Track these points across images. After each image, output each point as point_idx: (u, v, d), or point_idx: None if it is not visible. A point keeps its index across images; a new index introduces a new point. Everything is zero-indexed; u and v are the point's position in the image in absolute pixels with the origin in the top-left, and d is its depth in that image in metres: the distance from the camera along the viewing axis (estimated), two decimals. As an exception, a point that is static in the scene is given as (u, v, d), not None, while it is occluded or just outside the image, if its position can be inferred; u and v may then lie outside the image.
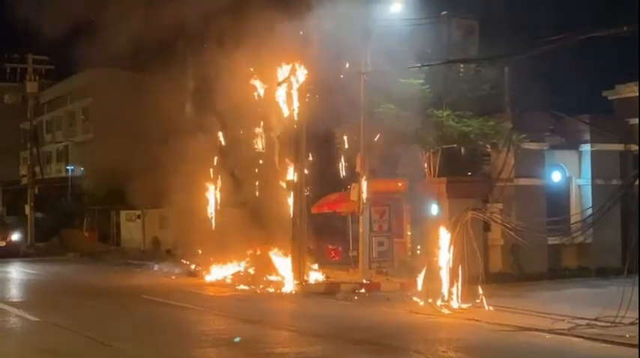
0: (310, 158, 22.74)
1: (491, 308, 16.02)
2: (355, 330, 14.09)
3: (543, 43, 16.44)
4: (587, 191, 22.99)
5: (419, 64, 20.65)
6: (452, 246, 16.25)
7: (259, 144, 24.45)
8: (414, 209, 22.36)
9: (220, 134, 26.58)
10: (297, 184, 21.98)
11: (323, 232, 24.95)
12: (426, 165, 22.32)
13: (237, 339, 12.90)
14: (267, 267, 23.02)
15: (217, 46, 23.27)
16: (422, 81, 21.57)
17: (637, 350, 11.37)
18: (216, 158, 27.00)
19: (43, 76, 45.91)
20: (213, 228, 26.83)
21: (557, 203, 22.06)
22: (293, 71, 22.03)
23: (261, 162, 24.80)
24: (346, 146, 22.67)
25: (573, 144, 23.39)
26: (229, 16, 22.61)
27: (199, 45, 25.03)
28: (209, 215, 27.18)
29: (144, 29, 25.10)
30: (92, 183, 42.85)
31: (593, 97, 26.02)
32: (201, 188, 27.18)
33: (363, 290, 20.16)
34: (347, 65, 21.56)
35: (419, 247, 21.43)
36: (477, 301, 16.20)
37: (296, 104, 21.97)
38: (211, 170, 27.17)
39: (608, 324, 13.29)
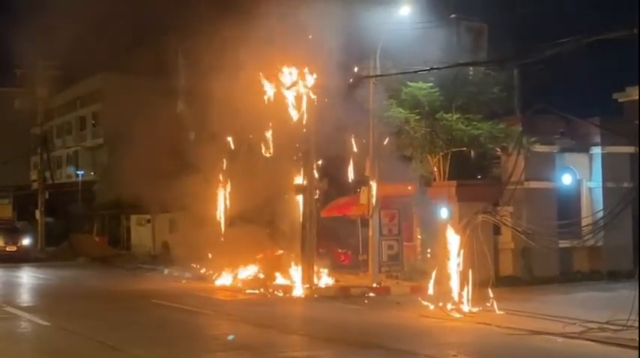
0: (320, 162, 22.76)
1: (501, 311, 15.96)
2: (365, 334, 14.06)
3: (553, 45, 16.39)
4: (598, 194, 22.90)
5: (428, 68, 20.64)
6: (462, 250, 16.21)
7: (269, 148, 24.46)
8: (423, 212, 22.32)
9: (230, 138, 26.62)
10: (306, 188, 21.98)
11: (333, 236, 24.95)
12: (435, 168, 22.29)
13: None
14: (277, 271, 23.03)
15: (227, 51, 23.29)
16: (431, 84, 21.56)
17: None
18: (225, 162, 27.03)
19: (53, 81, 46.07)
20: (223, 232, 26.86)
21: (567, 206, 21.98)
22: (302, 75, 22.05)
23: (270, 166, 24.81)
24: (355, 149, 22.67)
25: (584, 147, 23.31)
26: (239, 21, 22.65)
27: (208, 49, 25.03)
28: (219, 219, 27.20)
29: (153, 33, 25.20)
30: (102, 188, 43.00)
31: (603, 99, 25.96)
32: (210, 192, 27.21)
33: (373, 294, 20.13)
34: (356, 69, 21.57)
35: (429, 251, 21.39)
36: (488, 305, 16.14)
37: (305, 107, 21.99)
38: (221, 174, 27.21)
39: (620, 327, 13.22)
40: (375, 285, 20.74)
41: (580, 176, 23.30)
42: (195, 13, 25.01)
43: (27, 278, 28.60)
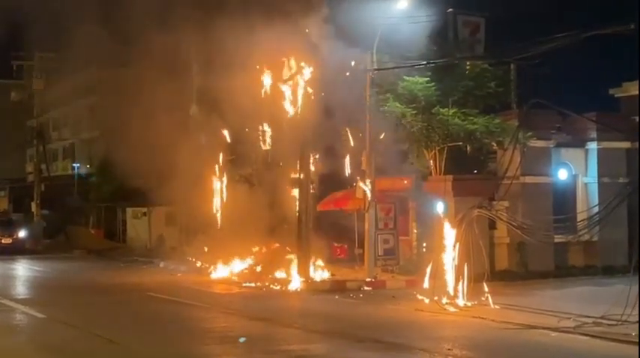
0: (317, 155, 22.75)
1: (496, 306, 16.01)
2: (361, 328, 14.09)
3: (550, 40, 16.41)
4: (594, 189, 22.96)
5: (425, 62, 20.63)
6: (457, 244, 16.24)
7: (265, 142, 24.45)
8: (419, 207, 22.36)
9: (226, 131, 26.61)
10: (302, 181, 21.99)
11: (329, 230, 24.94)
12: (431, 162, 22.32)
13: (242, 339, 12.76)
14: (273, 264, 23.04)
15: (223, 43, 23.24)
16: (428, 78, 21.56)
17: (643, 348, 11.36)
18: (221, 155, 27.02)
19: (49, 74, 45.98)
20: (219, 225, 26.85)
21: (563, 201, 22.03)
22: (299, 68, 22.02)
23: (267, 159, 24.81)
24: (352, 143, 22.67)
25: (580, 142, 23.35)
26: (235, 13, 22.60)
27: (204, 42, 24.98)
28: (215, 212, 27.20)
29: (149, 26, 25.13)
30: (98, 181, 42.95)
31: (600, 95, 25.99)
32: (207, 185, 27.19)
33: (368, 288, 20.17)
34: (353, 63, 21.55)
35: (424, 245, 21.42)
36: (483, 299, 16.20)
37: (301, 101, 21.98)
38: (217, 167, 27.20)
39: (614, 322, 13.27)
40: (370, 279, 20.76)
41: (576, 171, 23.34)
42: (193, 5, 24.92)
43: (22, 270, 28.58)
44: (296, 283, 20.97)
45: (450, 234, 16.37)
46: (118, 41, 28.35)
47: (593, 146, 23.21)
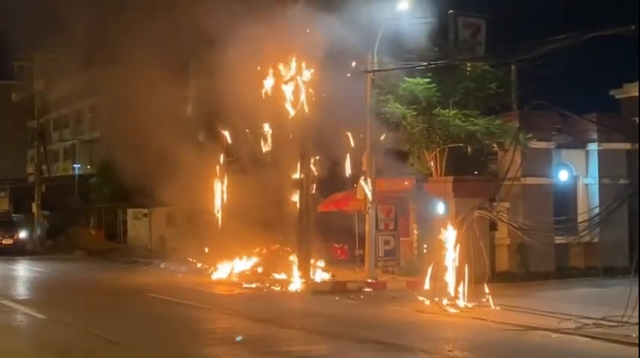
0: (317, 156, 22.76)
1: (497, 307, 16.01)
2: (361, 329, 14.09)
3: (550, 41, 16.42)
4: (594, 190, 22.95)
5: (425, 63, 20.64)
6: (458, 245, 16.24)
7: (266, 143, 24.45)
8: (420, 208, 22.36)
9: (226, 132, 26.62)
10: (303, 182, 22.00)
11: (329, 231, 24.96)
12: (432, 164, 22.32)
13: (238, 338, 12.78)
14: (274, 265, 23.05)
15: (223, 43, 23.26)
16: (428, 80, 21.57)
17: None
18: (222, 156, 27.03)
19: (50, 74, 45.99)
20: (220, 226, 26.86)
21: (564, 202, 22.02)
22: (299, 69, 22.03)
23: (267, 160, 24.81)
24: (353, 145, 22.67)
25: (580, 143, 23.34)
26: (235, 13, 22.61)
27: (205, 42, 24.99)
28: (215, 213, 27.21)
29: (149, 26, 25.16)
30: (99, 181, 42.98)
31: (600, 96, 26.00)
32: (207, 186, 27.21)
33: (369, 289, 20.17)
34: (354, 64, 21.56)
35: (425, 246, 21.43)
36: (484, 300, 16.20)
37: (302, 102, 21.98)
38: (218, 168, 27.21)
39: (615, 324, 13.26)
40: (371, 280, 20.77)
41: (577, 172, 23.34)
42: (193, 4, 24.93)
43: (23, 271, 28.60)
44: (297, 284, 20.97)
45: (450, 235, 16.37)
46: (119, 41, 28.36)
47: (593, 147, 23.20)
